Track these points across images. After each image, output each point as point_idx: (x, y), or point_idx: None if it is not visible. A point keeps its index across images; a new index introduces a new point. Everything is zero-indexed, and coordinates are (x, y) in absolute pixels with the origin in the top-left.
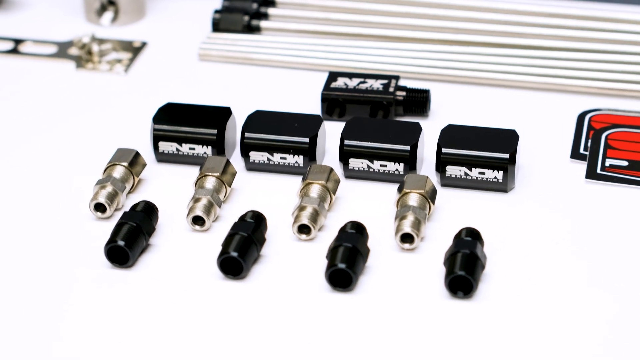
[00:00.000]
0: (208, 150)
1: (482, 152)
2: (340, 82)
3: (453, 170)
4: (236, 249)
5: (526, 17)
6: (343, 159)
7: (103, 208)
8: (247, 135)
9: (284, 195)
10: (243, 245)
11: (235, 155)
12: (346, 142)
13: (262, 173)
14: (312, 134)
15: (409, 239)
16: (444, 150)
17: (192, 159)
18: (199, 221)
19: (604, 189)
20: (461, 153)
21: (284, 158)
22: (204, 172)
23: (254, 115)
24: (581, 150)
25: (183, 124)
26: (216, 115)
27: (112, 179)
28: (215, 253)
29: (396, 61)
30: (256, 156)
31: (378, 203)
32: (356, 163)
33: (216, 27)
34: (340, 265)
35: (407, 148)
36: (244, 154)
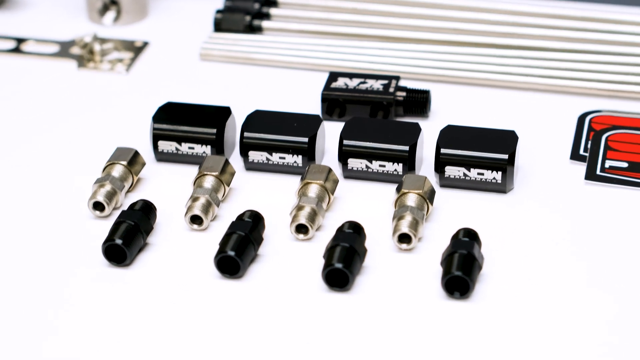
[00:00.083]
0: (207, 149)
1: (481, 153)
2: (340, 82)
3: (452, 170)
4: (233, 248)
5: (527, 18)
6: (342, 159)
7: (101, 207)
8: (246, 134)
9: (283, 195)
10: (240, 244)
11: (234, 154)
12: (345, 142)
13: (261, 173)
14: (311, 134)
15: (407, 239)
16: (443, 150)
17: (192, 159)
18: (197, 220)
19: (604, 191)
20: (460, 153)
21: (283, 158)
22: (203, 172)
23: (254, 114)
24: (581, 151)
25: (182, 124)
26: (216, 114)
27: (111, 178)
28: (213, 252)
29: (397, 62)
30: (255, 156)
31: (377, 203)
32: (355, 163)
33: (218, 27)
34: (337, 265)
35: (406, 148)
36: (243, 154)
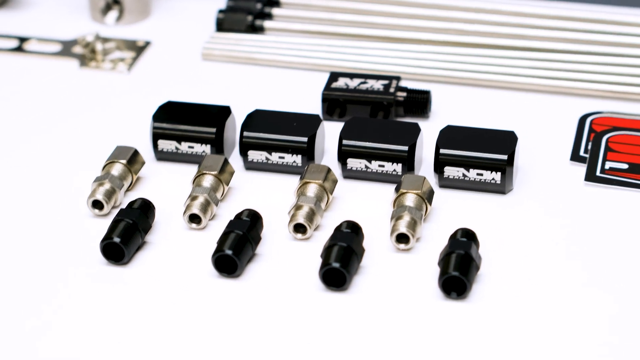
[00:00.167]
0: (207, 148)
1: (480, 153)
2: (341, 83)
3: (451, 171)
4: (231, 247)
5: (528, 19)
6: (341, 159)
7: (100, 205)
8: (246, 134)
9: (282, 194)
10: (238, 243)
11: (234, 154)
12: (344, 142)
13: (261, 172)
14: (311, 134)
15: (405, 239)
16: (442, 151)
17: (191, 158)
18: (196, 219)
19: (603, 192)
20: (459, 154)
21: (282, 157)
22: (202, 171)
23: (253, 114)
24: (581, 152)
25: (182, 123)
26: (215, 114)
27: (110, 177)
28: (211, 251)
29: (398, 62)
30: (254, 155)
31: (376, 203)
32: (354, 163)
33: (220, 27)
34: (334, 264)
35: (405, 148)
36: (243, 153)
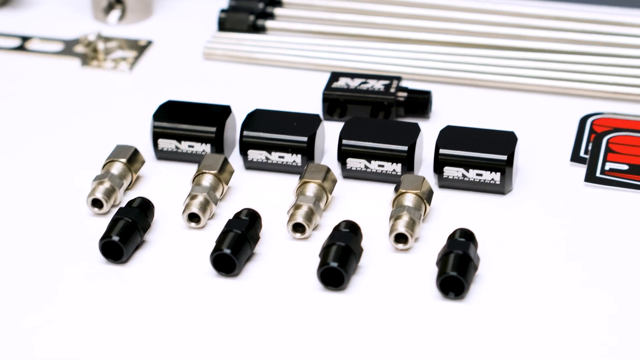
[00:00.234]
0: (207, 148)
1: (480, 154)
2: (341, 82)
3: (450, 171)
4: (229, 246)
5: (530, 20)
6: (341, 159)
7: (100, 204)
8: (246, 133)
9: (282, 194)
10: (236, 242)
11: (234, 153)
12: (344, 142)
13: (261, 172)
14: (310, 133)
15: (403, 239)
16: (442, 151)
17: (191, 157)
18: (195, 218)
19: (603, 193)
20: (459, 154)
21: (282, 157)
22: (202, 170)
23: (254, 113)
24: (581, 153)
25: (182, 122)
26: (216, 113)
27: (110, 175)
28: (209, 250)
29: (399, 62)
30: (254, 154)
31: (375, 203)
32: (354, 163)
33: (222, 27)
34: (332, 263)
35: (405, 148)
36: (243, 153)
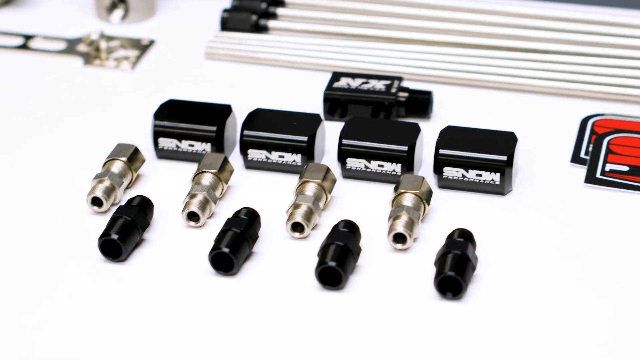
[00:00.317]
0: (207, 147)
1: (480, 154)
2: (343, 82)
3: (450, 171)
4: (228, 245)
5: (531, 21)
6: (341, 159)
7: (100, 202)
8: (246, 132)
9: (282, 193)
10: (235, 241)
11: (235, 152)
12: (344, 142)
13: (261, 171)
14: (311, 133)
15: (402, 239)
16: (442, 151)
17: (192, 156)
18: (194, 217)
19: (603, 194)
20: (458, 154)
21: (282, 156)
22: (201, 169)
23: (254, 113)
24: (582, 154)
25: (183, 121)
26: (216, 112)
27: (110, 174)
28: (208, 249)
29: (401, 62)
30: (254, 154)
31: (375, 203)
32: (354, 163)
33: (224, 26)
34: (330, 263)
35: (405, 148)
36: (243, 152)
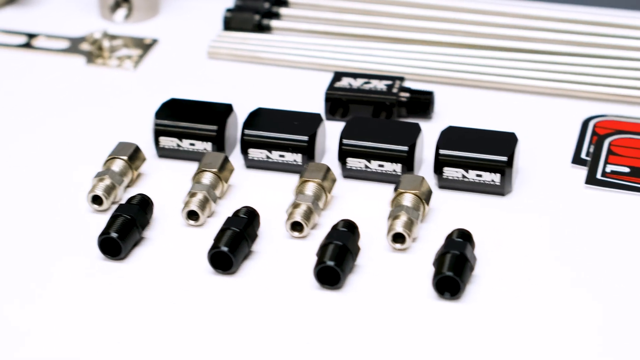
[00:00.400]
0: (208, 146)
1: (480, 155)
2: (344, 82)
3: (450, 172)
4: (227, 244)
5: (533, 22)
6: (341, 158)
7: (100, 200)
8: (247, 132)
9: (282, 192)
10: (234, 240)
11: (235, 152)
12: (344, 142)
13: (261, 170)
14: (311, 133)
15: (401, 239)
16: (442, 151)
17: (193, 155)
18: (194, 216)
19: (603, 195)
20: (459, 155)
21: (283, 156)
22: (202, 168)
23: (256, 112)
24: (583, 155)
25: (184, 120)
26: (217, 111)
27: (111, 172)
28: (207, 248)
29: (403, 62)
30: (255, 153)
31: (375, 203)
32: (354, 162)
33: (227, 26)
34: (328, 262)
35: (405, 148)
36: (243, 151)
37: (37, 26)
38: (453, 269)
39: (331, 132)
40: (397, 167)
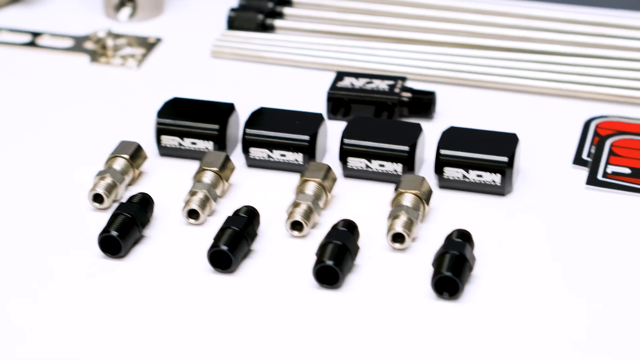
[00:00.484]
0: (210, 145)
1: (481, 155)
2: (346, 82)
3: (451, 172)
4: (226, 243)
5: (536, 22)
6: (342, 158)
7: (101, 199)
8: (248, 131)
9: (283, 192)
10: (234, 239)
11: (237, 151)
12: (345, 141)
13: (263, 170)
14: (312, 132)
15: (400, 239)
16: (442, 151)
17: (194, 154)
18: (194, 214)
19: (604, 196)
20: (459, 155)
21: (284, 155)
22: (203, 167)
23: (257, 112)
24: (584, 156)
25: (186, 119)
26: (219, 111)
27: (112, 171)
28: (207, 246)
29: (405, 62)
30: (256, 152)
31: (375, 203)
32: (355, 162)
33: (231, 25)
34: (327, 262)
35: (406, 148)
36: (245, 150)
37: (42, 25)
38: (452, 270)
39: (333, 132)
40: (398, 167)
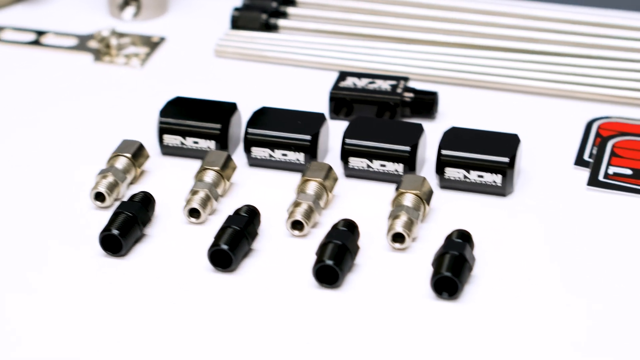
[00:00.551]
0: (212, 144)
1: (482, 155)
2: (349, 82)
3: (452, 172)
4: (227, 242)
5: (538, 23)
6: (343, 158)
7: (102, 197)
8: (250, 131)
9: (284, 191)
10: (234, 238)
11: (239, 150)
12: (347, 141)
13: (264, 169)
14: (314, 132)
15: (400, 239)
16: (443, 152)
17: (196, 153)
18: (195, 213)
19: (605, 197)
20: (460, 155)
21: (285, 155)
22: (204, 166)
23: (260, 111)
24: (585, 157)
25: (188, 118)
26: (222, 110)
27: (114, 169)
28: (208, 245)
29: (408, 62)
30: (258, 152)
31: (376, 203)
32: (356, 162)
33: (235, 25)
34: (327, 261)
35: (407, 149)
36: (246, 150)
37: (46, 24)
38: (451, 270)
39: (334, 132)
40: (399, 167)
